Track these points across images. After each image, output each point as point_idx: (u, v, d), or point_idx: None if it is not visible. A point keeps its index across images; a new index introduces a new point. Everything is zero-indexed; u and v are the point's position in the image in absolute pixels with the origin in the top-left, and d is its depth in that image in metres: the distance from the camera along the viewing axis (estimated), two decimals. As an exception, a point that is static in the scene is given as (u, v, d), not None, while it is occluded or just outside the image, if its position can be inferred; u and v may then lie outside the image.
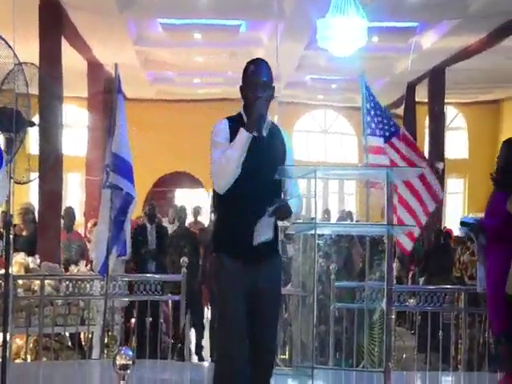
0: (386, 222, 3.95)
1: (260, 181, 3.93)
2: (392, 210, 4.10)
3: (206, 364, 9.33)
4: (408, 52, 13.83)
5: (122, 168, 7.00)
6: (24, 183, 5.84)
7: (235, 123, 4.01)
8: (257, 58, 4.25)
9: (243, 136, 3.90)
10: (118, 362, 2.92)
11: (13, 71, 5.19)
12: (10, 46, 5.13)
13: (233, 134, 3.96)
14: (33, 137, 9.09)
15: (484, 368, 7.35)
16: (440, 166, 15.50)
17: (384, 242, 4.08)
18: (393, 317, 8.54)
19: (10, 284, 5.17)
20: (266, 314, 4.02)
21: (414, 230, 6.84)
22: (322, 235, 8.50)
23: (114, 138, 7.02)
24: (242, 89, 4.14)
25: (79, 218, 15.35)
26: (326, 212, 14.41)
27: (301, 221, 4.53)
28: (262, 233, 3.93)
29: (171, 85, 19.21)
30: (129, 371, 2.93)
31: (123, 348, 2.96)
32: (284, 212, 3.92)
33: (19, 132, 5.13)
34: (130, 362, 2.93)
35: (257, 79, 4.07)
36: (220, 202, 4.06)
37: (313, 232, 4.04)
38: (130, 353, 2.96)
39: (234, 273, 3.97)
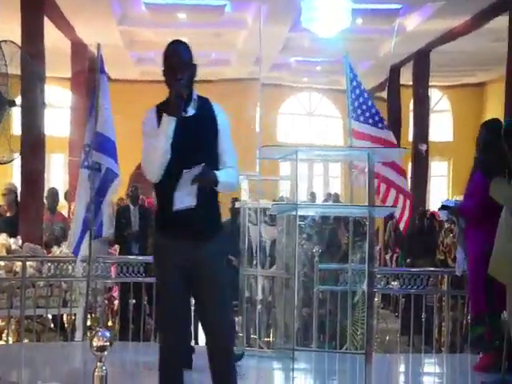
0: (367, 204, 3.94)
1: (189, 160, 3.87)
2: (373, 191, 4.09)
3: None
4: (392, 34, 13.80)
5: (107, 147, 6.95)
6: (4, 163, 5.79)
7: (161, 108, 4.00)
8: (174, 40, 4.19)
9: (165, 121, 3.89)
10: (95, 344, 2.90)
11: (-8, 50, 5.12)
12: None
13: (159, 120, 3.96)
14: (15, 117, 9.03)
15: (466, 350, 7.38)
16: (423, 147, 15.56)
17: (365, 223, 4.06)
18: (376, 299, 8.58)
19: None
20: (204, 294, 4.01)
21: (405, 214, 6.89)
22: (306, 217, 8.52)
23: (98, 119, 6.95)
24: (163, 72, 4.10)
25: (61, 199, 15.29)
26: (312, 195, 14.44)
27: (283, 202, 4.51)
28: (184, 200, 3.88)
29: (155, 65, 19.01)
30: (106, 353, 2.90)
31: (100, 330, 2.93)
32: (205, 177, 3.88)
33: (-1, 111, 5.06)
34: (108, 344, 2.90)
35: (174, 61, 4.04)
36: (155, 186, 4.05)
37: (294, 213, 4.02)
38: (108, 334, 2.93)
39: (165, 249, 4.01)
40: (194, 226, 3.94)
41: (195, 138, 3.96)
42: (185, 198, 3.86)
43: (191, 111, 4.01)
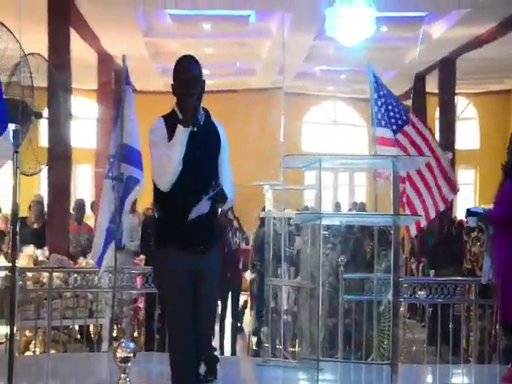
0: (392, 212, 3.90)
1: (197, 171, 4.04)
2: (398, 200, 4.06)
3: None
4: (417, 42, 13.75)
5: (132, 157, 6.96)
6: (31, 175, 5.82)
7: (170, 120, 4.11)
8: (185, 55, 4.30)
9: (181, 132, 3.99)
10: (118, 355, 2.90)
11: (19, 64, 5.17)
12: (16, 38, 5.11)
13: (169, 131, 4.06)
14: (42, 129, 9.10)
15: (495, 360, 7.29)
16: (449, 156, 15.39)
17: (390, 232, 4.03)
18: (401, 309, 8.51)
19: (16, 277, 5.14)
20: (199, 304, 4.07)
21: (421, 220, 6.80)
22: (330, 226, 8.48)
23: (124, 130, 6.96)
24: (173, 86, 4.21)
25: (88, 210, 15.38)
26: (337, 205, 14.37)
27: (307, 211, 4.48)
28: (199, 209, 4.02)
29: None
30: (130, 364, 2.89)
31: (124, 340, 2.93)
32: (220, 196, 4.05)
33: (25, 123, 5.10)
34: (131, 355, 2.89)
35: (187, 76, 4.15)
36: (161, 195, 4.09)
37: (318, 222, 3.99)
38: (131, 345, 2.93)
39: (177, 260, 4.05)
40: (201, 237, 4.08)
41: (203, 150, 4.10)
42: (201, 206, 3.99)
43: (199, 124, 4.12)
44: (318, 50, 16.40)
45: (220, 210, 10.85)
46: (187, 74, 4.16)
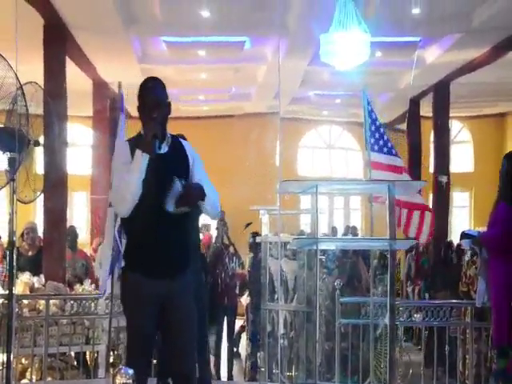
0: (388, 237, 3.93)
1: (160, 196, 3.95)
2: (394, 225, 4.08)
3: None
4: (411, 67, 13.85)
5: None
6: (27, 202, 5.84)
7: (134, 144, 4.03)
8: (149, 77, 4.27)
9: (138, 157, 3.93)
10: (117, 381, 2.89)
11: (16, 93, 5.23)
12: (12, 68, 5.17)
13: (133, 155, 3.98)
14: (38, 156, 9.12)
15: (491, 382, 7.28)
16: (444, 179, 15.48)
17: (386, 256, 4.06)
18: (398, 332, 8.50)
19: (14, 304, 5.14)
20: (175, 326, 4.04)
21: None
22: (326, 250, 8.51)
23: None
24: (138, 109, 4.17)
25: (85, 236, 15.37)
26: (333, 230, 14.40)
27: (303, 236, 4.51)
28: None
29: (176, 102, 19.21)
30: (128, 390, 2.89)
31: (122, 367, 2.92)
32: (191, 191, 3.94)
33: (21, 151, 5.14)
34: (130, 381, 2.89)
35: (149, 99, 4.10)
36: (125, 220, 4.07)
37: (315, 247, 4.02)
38: (130, 371, 2.92)
39: (140, 286, 3.98)
40: (168, 261, 3.99)
41: (166, 176, 3.99)
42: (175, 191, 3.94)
43: (164, 149, 4.07)
44: (313, 75, 16.50)
45: (217, 234, 10.87)
46: (149, 97, 4.11)
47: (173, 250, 3.99)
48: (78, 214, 19.56)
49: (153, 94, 4.13)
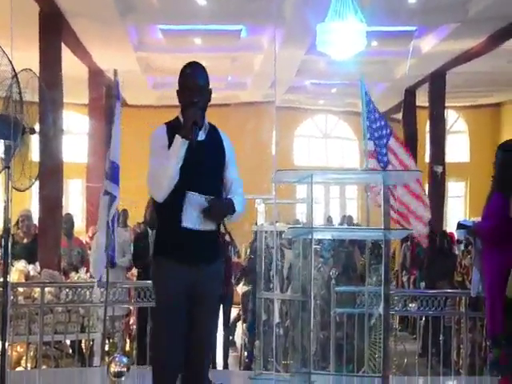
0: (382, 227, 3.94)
1: (199, 183, 3.91)
2: (388, 214, 4.09)
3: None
4: (408, 56, 13.86)
5: (111, 172, 6.97)
6: (23, 190, 5.83)
7: (172, 128, 3.98)
8: (192, 62, 4.20)
9: (178, 143, 3.87)
10: (112, 370, 2.90)
11: (11, 81, 5.21)
12: (6, 55, 5.15)
13: (171, 139, 3.93)
14: (33, 144, 9.10)
15: (486, 372, 7.32)
16: (439, 169, 15.51)
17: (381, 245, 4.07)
18: (392, 321, 8.52)
19: (8, 292, 5.14)
20: (199, 318, 3.97)
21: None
22: (322, 240, 8.52)
23: (110, 147, 6.99)
24: (178, 93, 4.12)
25: (80, 224, 15.36)
26: (329, 219, 14.42)
27: (299, 226, 4.52)
28: (193, 221, 3.91)
29: (172, 90, 19.10)
30: (123, 378, 2.90)
31: (117, 355, 2.94)
32: (216, 210, 3.90)
33: (16, 139, 5.12)
34: (125, 369, 2.90)
35: (191, 84, 4.05)
36: (160, 205, 3.97)
37: (310, 237, 4.02)
38: (125, 360, 2.94)
39: (172, 272, 3.93)
40: (201, 249, 3.93)
41: (204, 163, 3.96)
42: (194, 219, 3.88)
43: (202, 136, 4.01)
44: (309, 64, 16.49)
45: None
46: (190, 81, 4.05)
47: (207, 236, 3.96)
48: (74, 201, 19.56)
49: (195, 78, 4.07)
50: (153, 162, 3.96)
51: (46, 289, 7.75)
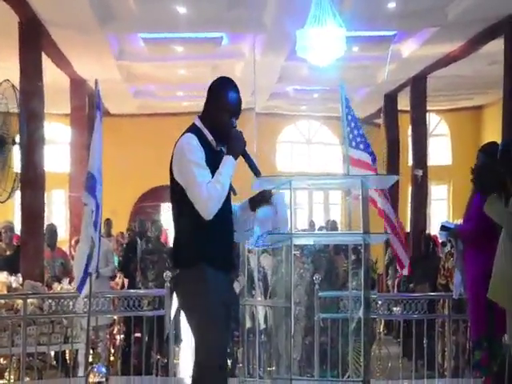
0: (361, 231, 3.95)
1: (229, 196, 4.06)
2: (367, 219, 4.10)
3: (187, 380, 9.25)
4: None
5: (88, 183, 6.95)
6: (3, 202, 5.81)
7: (200, 139, 4.01)
8: (234, 82, 4.24)
9: (229, 163, 3.97)
10: (91, 380, 2.89)
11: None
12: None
13: (207, 152, 3.97)
14: (14, 155, 9.07)
15: (469, 374, 7.34)
16: (419, 173, 15.57)
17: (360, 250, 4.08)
18: (375, 325, 8.52)
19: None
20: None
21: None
22: (305, 246, 8.54)
23: (90, 157, 6.98)
24: (216, 106, 4.11)
25: (64, 235, 15.30)
26: (311, 224, 14.42)
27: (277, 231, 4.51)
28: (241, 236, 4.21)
29: (154, 98, 19.21)
30: (102, 389, 2.88)
31: (96, 365, 2.92)
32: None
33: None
34: (103, 380, 2.89)
35: (237, 108, 4.14)
36: (196, 217, 3.92)
37: (289, 243, 4.03)
38: (104, 370, 2.92)
39: (222, 283, 4.00)
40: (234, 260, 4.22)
41: None
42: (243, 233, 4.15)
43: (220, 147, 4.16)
44: (290, 70, 16.51)
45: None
46: (238, 106, 4.14)
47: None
48: (57, 211, 19.48)
49: (240, 102, 4.18)
50: (201, 175, 3.92)
51: (29, 300, 7.70)
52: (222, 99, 4.11)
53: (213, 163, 3.96)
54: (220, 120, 4.09)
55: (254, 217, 4.23)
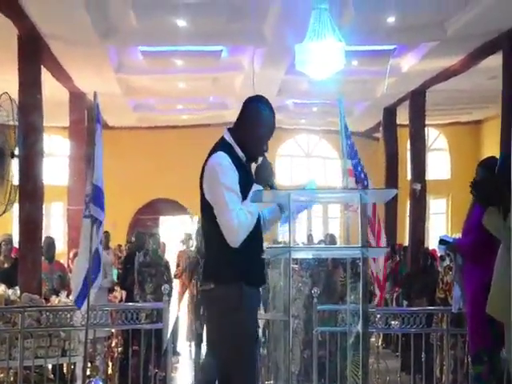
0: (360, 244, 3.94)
1: None
2: (366, 232, 4.09)
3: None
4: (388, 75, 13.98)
5: (95, 197, 6.95)
6: (1, 214, 5.81)
7: (232, 158, 3.98)
8: (269, 102, 4.26)
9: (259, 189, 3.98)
10: (87, 394, 2.86)
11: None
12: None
13: (239, 173, 3.95)
14: (13, 167, 9.07)
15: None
16: (417, 187, 15.58)
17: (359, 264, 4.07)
18: (373, 339, 8.50)
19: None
20: None
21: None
22: (303, 259, 8.52)
23: (94, 170, 6.96)
24: (251, 123, 4.11)
25: (62, 247, 15.28)
26: (309, 238, 14.41)
27: (278, 246, 4.52)
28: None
29: (153, 112, 19.25)
30: (99, 402, 2.86)
31: (94, 379, 2.90)
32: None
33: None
34: (100, 393, 2.87)
35: (272, 127, 4.16)
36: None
37: (287, 256, 4.02)
38: (101, 383, 2.90)
39: (254, 299, 4.06)
40: None
41: None
42: None
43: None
44: (290, 84, 16.56)
45: (195, 245, 10.89)
46: (273, 126, 4.16)
47: None
48: (56, 224, 19.46)
49: (274, 118, 4.19)
50: (233, 201, 3.89)
51: (27, 313, 7.67)
52: (258, 117, 4.11)
53: (243, 180, 3.94)
54: (253, 138, 4.08)
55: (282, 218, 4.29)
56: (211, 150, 4.09)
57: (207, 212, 4.01)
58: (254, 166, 4.19)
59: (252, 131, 4.08)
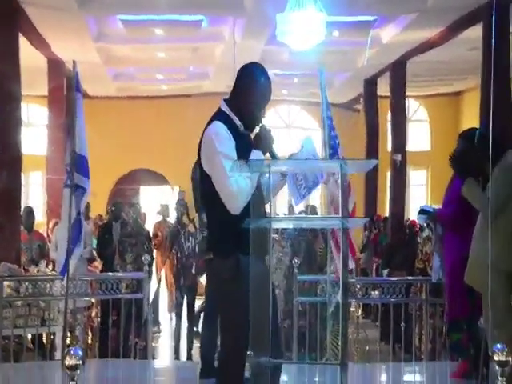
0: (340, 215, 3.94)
1: None
2: (346, 203, 4.10)
3: (164, 363, 9.28)
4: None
5: (80, 166, 6.90)
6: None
7: (229, 127, 3.96)
8: (264, 68, 4.16)
9: (259, 157, 3.94)
10: (66, 363, 2.84)
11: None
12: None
13: (235, 141, 3.93)
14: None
15: (446, 357, 7.40)
16: (398, 157, 15.63)
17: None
18: (353, 309, 8.55)
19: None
20: None
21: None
22: (285, 229, 8.55)
23: (76, 139, 6.89)
24: (246, 92, 4.05)
25: (41, 217, 15.21)
26: (290, 209, 14.41)
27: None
28: None
29: (133, 81, 19.10)
30: (78, 371, 2.84)
31: (72, 348, 2.88)
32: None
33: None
34: (80, 362, 2.84)
35: (269, 96, 4.09)
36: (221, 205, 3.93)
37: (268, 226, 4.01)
38: (80, 352, 2.88)
39: (248, 267, 3.94)
40: None
41: None
42: None
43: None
44: (271, 55, 16.46)
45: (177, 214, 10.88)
46: (269, 92, 4.08)
47: None
48: (34, 194, 19.35)
49: (270, 84, 4.10)
50: (227, 165, 3.85)
51: (5, 282, 7.64)
52: (253, 84, 4.05)
53: (241, 148, 3.92)
54: (249, 105, 4.04)
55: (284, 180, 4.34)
56: (208, 121, 4.07)
57: (207, 183, 4.00)
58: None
59: (247, 99, 4.04)
